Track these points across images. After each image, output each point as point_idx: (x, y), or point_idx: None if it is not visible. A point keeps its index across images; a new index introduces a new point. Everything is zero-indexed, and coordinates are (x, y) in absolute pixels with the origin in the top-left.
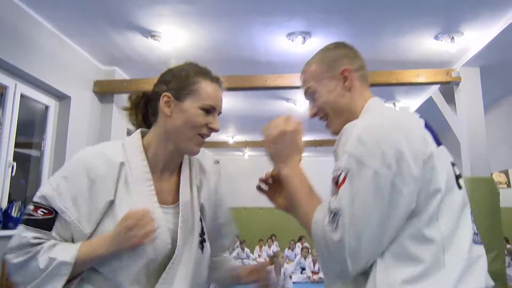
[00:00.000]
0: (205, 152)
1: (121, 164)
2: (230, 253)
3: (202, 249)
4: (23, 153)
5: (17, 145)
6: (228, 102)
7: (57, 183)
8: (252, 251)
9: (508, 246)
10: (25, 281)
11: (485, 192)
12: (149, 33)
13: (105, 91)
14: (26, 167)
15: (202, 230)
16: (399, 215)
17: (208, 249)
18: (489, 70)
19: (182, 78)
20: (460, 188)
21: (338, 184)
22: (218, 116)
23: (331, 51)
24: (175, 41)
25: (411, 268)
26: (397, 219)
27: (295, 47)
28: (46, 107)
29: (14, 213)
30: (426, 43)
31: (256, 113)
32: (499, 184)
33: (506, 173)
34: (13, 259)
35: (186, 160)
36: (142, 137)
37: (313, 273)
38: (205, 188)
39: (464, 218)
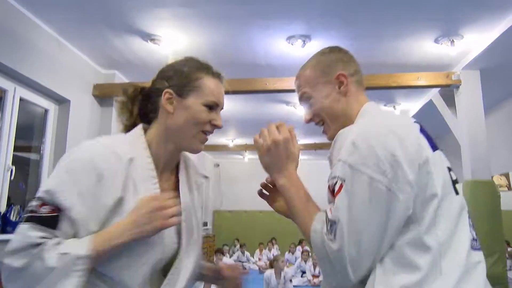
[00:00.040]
0: (205, 155)
1: (130, 160)
2: (230, 256)
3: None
4: (22, 156)
5: (16, 148)
6: (228, 105)
7: (62, 177)
8: (252, 255)
9: (509, 249)
10: (27, 286)
11: (485, 195)
12: (148, 37)
13: (105, 95)
14: (25, 171)
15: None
16: (396, 220)
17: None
18: (489, 73)
19: (184, 74)
20: (457, 194)
21: (334, 193)
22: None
23: (325, 55)
24: (174, 45)
25: (409, 275)
26: (394, 225)
27: (295, 50)
28: (46, 110)
29: (13, 217)
30: (426, 46)
31: (256, 116)
32: (499, 187)
33: (506, 176)
34: (13, 262)
35: (182, 161)
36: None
37: (314, 276)
38: (200, 189)
39: (461, 224)
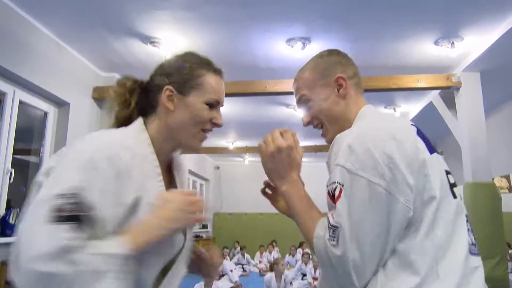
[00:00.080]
0: (206, 158)
1: (144, 156)
2: (231, 259)
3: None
4: (21, 159)
5: (16, 151)
6: (228, 107)
7: (82, 173)
8: (252, 257)
9: (511, 251)
10: None
11: (486, 197)
12: (148, 39)
13: (105, 98)
14: (24, 174)
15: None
16: (398, 223)
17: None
18: (489, 75)
19: (185, 71)
20: (454, 197)
21: (335, 198)
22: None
23: (324, 58)
24: (174, 47)
25: (409, 279)
26: (396, 228)
27: (295, 52)
28: (45, 113)
29: (12, 220)
30: (426, 48)
31: (256, 118)
32: (500, 189)
33: (507, 178)
34: (42, 267)
35: (175, 158)
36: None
37: (314, 279)
38: (185, 187)
39: (459, 228)
